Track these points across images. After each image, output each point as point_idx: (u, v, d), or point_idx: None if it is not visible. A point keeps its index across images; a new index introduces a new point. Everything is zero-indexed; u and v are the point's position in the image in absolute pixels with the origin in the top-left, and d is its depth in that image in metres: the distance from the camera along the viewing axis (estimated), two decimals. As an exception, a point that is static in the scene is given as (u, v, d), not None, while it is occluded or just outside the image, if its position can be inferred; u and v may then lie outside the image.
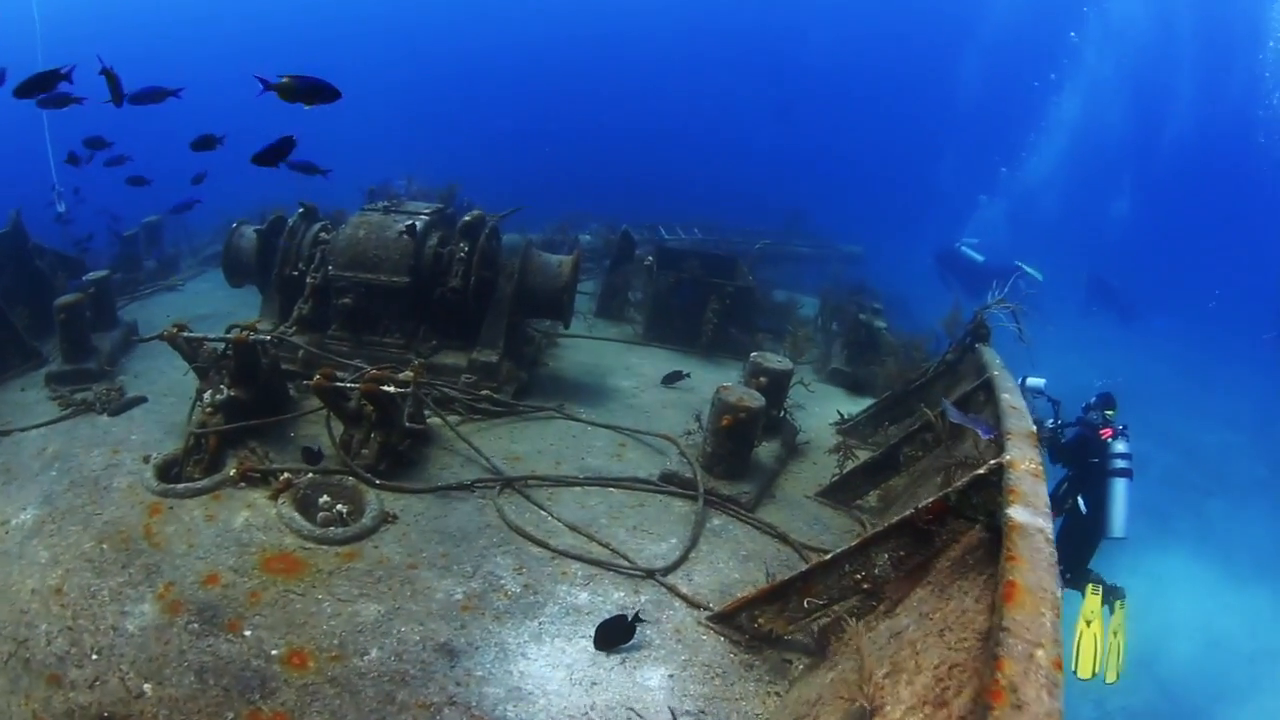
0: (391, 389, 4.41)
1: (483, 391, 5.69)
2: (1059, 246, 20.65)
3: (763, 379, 5.24)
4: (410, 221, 5.88)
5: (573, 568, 3.85)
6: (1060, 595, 1.95)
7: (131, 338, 6.41)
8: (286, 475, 4.23)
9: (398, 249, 5.82)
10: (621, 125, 32.28)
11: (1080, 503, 6.54)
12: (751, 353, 5.61)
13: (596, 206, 12.96)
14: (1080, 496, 6.55)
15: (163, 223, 9.50)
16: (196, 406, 4.65)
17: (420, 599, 3.51)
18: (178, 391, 5.37)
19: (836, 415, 6.29)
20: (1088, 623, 6.37)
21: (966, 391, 4.68)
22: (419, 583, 3.62)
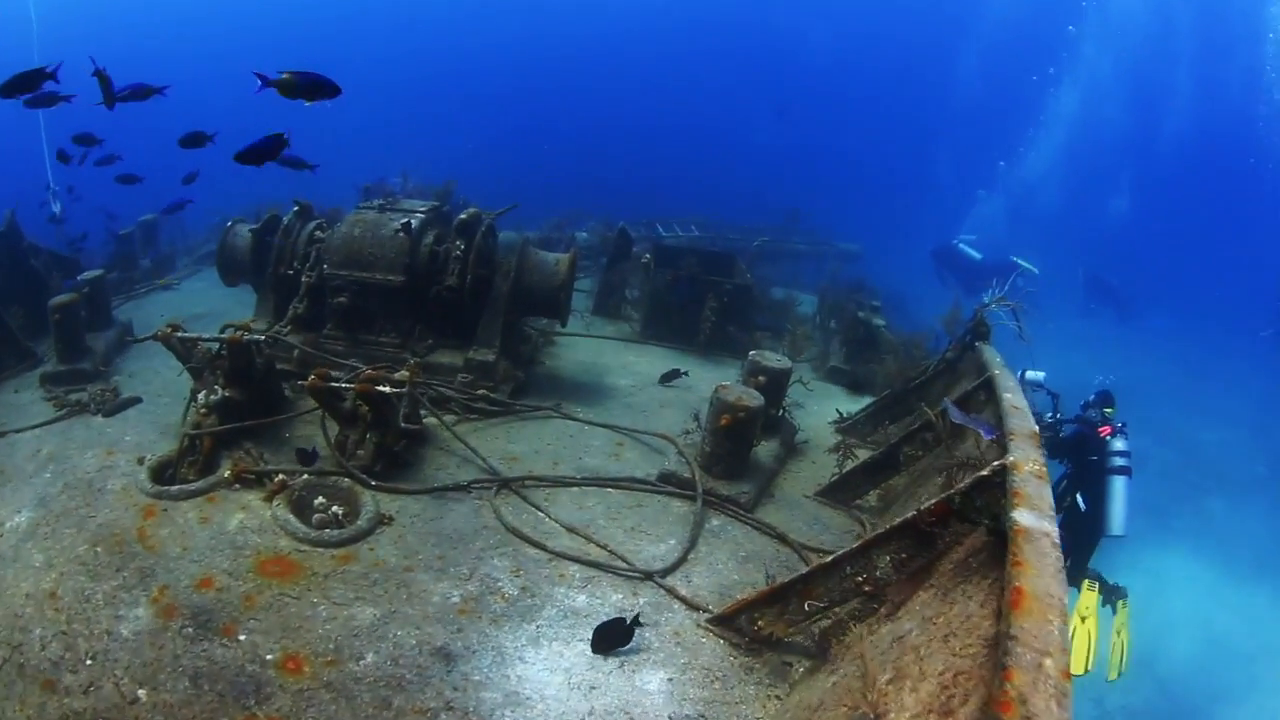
0: (387, 389, 4.37)
1: (479, 391, 5.65)
2: (1057, 242, 20.66)
3: (761, 377, 5.21)
4: (406, 219, 5.84)
5: (570, 570, 3.82)
6: (1067, 601, 1.92)
7: (126, 338, 6.37)
8: (281, 477, 4.19)
9: (393, 247, 5.78)
10: (619, 122, 32.27)
11: (1079, 500, 6.53)
12: (750, 351, 5.59)
13: (593, 204, 12.88)
14: (1079, 494, 6.55)
15: (158, 221, 9.44)
16: (191, 407, 4.62)
17: (416, 602, 3.48)
18: (172, 392, 5.34)
19: (836, 414, 6.26)
20: (1082, 619, 6.35)
21: (967, 390, 4.64)
22: (415, 585, 3.59)
